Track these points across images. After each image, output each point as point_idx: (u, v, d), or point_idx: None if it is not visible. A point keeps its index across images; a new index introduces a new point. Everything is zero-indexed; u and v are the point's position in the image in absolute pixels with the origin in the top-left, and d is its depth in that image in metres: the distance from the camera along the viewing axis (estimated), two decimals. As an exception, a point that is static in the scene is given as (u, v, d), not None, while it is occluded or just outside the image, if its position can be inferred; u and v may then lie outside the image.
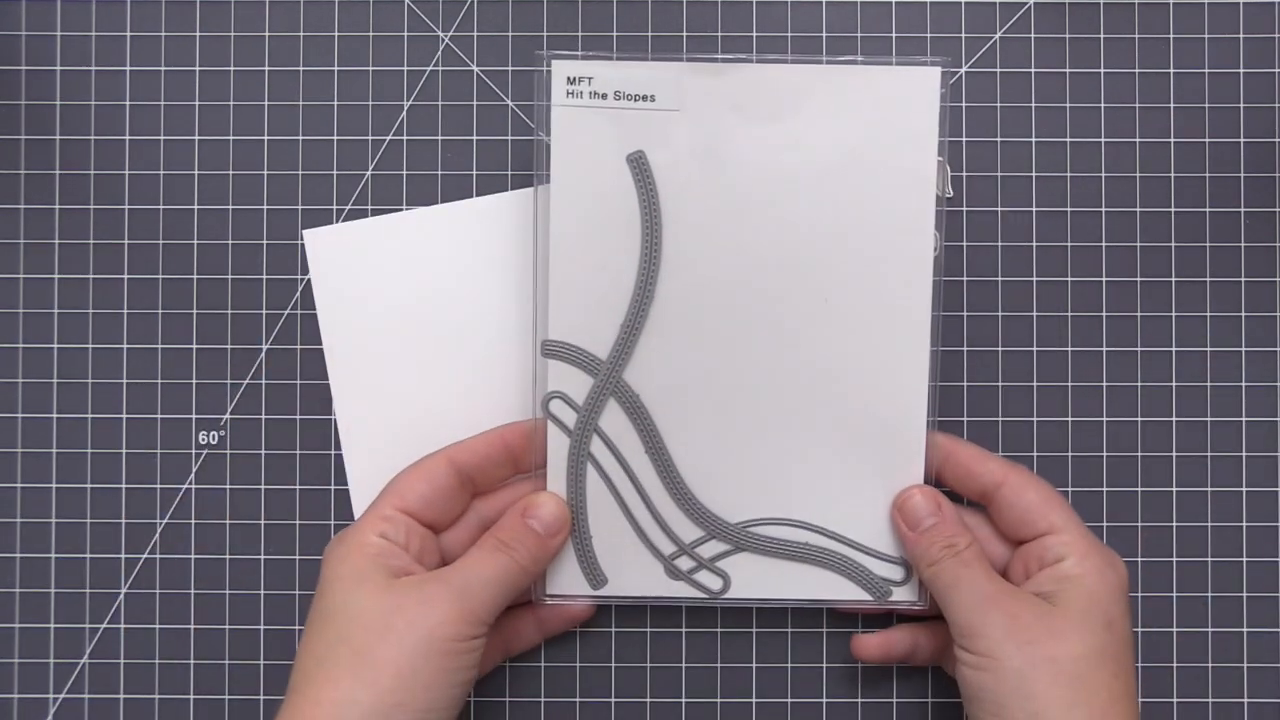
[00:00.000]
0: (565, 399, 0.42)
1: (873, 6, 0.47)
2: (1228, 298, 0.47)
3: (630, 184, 0.41)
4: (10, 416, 0.47)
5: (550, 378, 0.42)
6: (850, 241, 0.42)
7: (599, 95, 0.40)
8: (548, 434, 0.42)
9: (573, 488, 0.42)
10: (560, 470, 0.42)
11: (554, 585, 0.42)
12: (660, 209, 0.41)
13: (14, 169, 0.47)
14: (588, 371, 0.42)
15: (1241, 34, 0.47)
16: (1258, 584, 0.47)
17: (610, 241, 0.41)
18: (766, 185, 0.41)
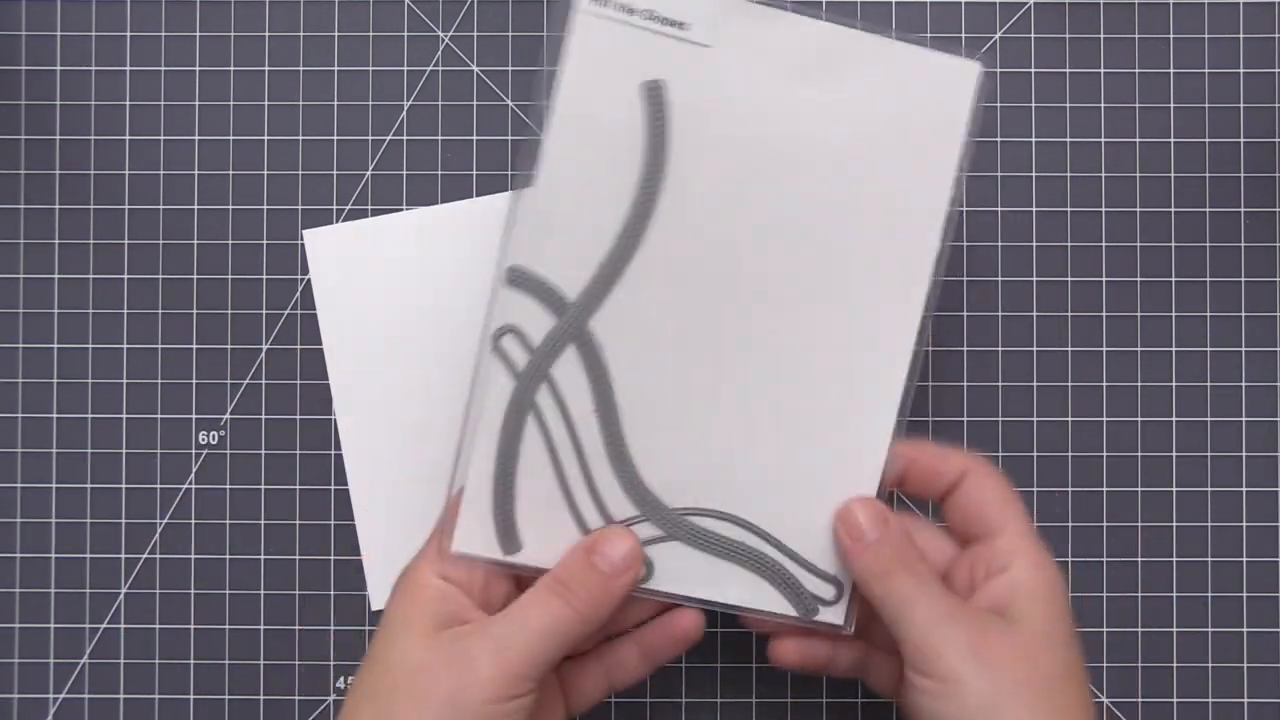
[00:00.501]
0: (521, 336, 0.38)
1: (872, 6, 0.47)
2: (1228, 298, 0.47)
3: (639, 115, 0.37)
4: (10, 416, 0.47)
5: (509, 310, 0.38)
6: (854, 229, 0.39)
7: (626, 9, 0.37)
8: (491, 373, 0.38)
9: (507, 437, 0.38)
10: (497, 415, 0.38)
11: (462, 542, 0.37)
12: (667, 149, 0.37)
13: (14, 169, 0.47)
14: (552, 310, 0.37)
15: (1241, 34, 0.47)
16: (1258, 584, 0.47)
17: (605, 173, 0.37)
18: (784, 149, 0.38)
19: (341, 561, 0.47)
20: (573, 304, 0.37)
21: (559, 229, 0.37)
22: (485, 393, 0.38)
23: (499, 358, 0.38)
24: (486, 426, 0.38)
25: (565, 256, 0.37)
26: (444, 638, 0.34)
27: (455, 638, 0.34)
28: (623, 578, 0.36)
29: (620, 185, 0.37)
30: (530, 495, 0.38)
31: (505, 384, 0.38)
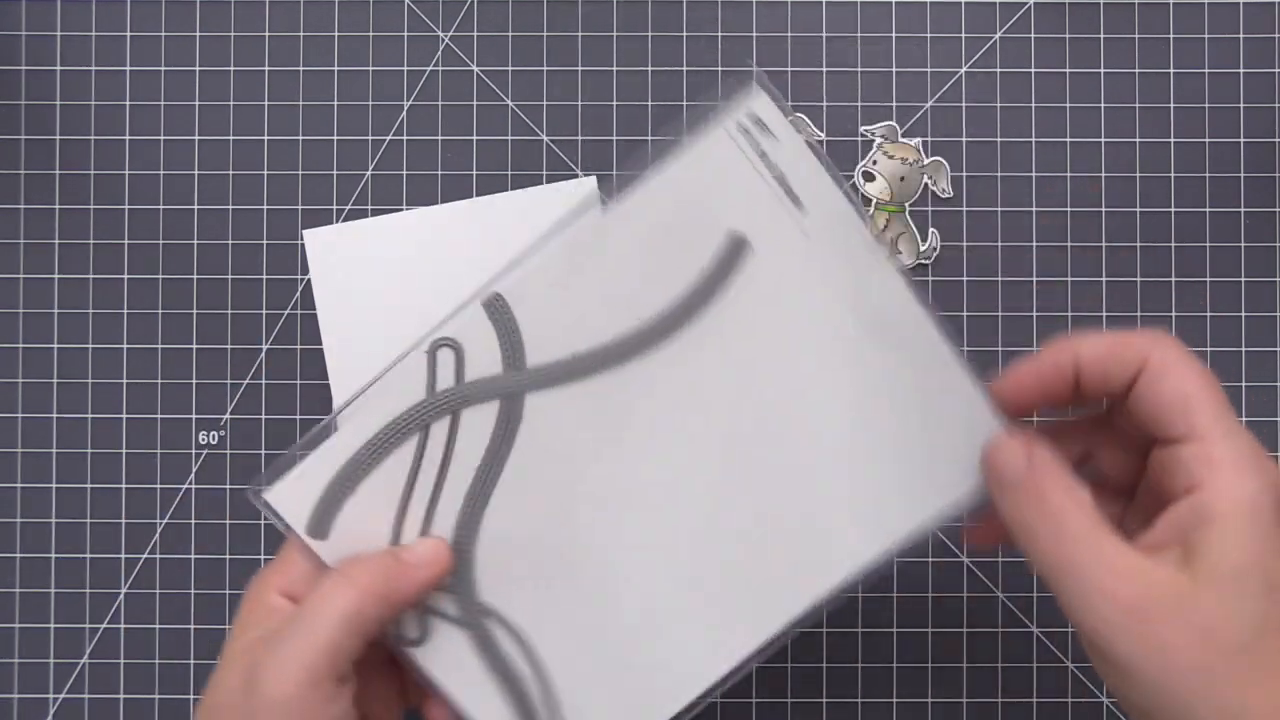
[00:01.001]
0: (460, 359, 0.35)
1: (872, 6, 0.47)
2: (1228, 298, 0.47)
3: (709, 253, 0.34)
4: (10, 416, 0.47)
5: (467, 329, 0.35)
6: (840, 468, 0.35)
7: (762, 154, 0.34)
8: (409, 373, 0.35)
9: (383, 438, 0.35)
10: (386, 415, 0.35)
11: (279, 497, 0.35)
12: (709, 303, 0.34)
13: (14, 169, 0.47)
14: (505, 358, 0.35)
15: (1241, 34, 0.47)
16: (1258, 584, 0.47)
17: (641, 278, 0.34)
18: (807, 367, 0.35)
19: (341, 561, 0.46)
20: (527, 371, 0.35)
21: (570, 295, 0.35)
22: (391, 386, 0.35)
23: (427, 364, 0.35)
24: (371, 416, 0.35)
25: (552, 321, 0.35)
26: (240, 657, 0.32)
27: (249, 652, 0.32)
28: (421, 570, 0.34)
29: (648, 301, 0.35)
30: (364, 504, 0.35)
31: (414, 391, 0.35)
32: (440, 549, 0.35)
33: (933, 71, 0.47)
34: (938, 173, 0.47)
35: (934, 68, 0.47)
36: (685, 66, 0.47)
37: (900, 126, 0.47)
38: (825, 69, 0.47)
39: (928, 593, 0.46)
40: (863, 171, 0.47)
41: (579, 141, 0.47)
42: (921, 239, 0.47)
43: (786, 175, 0.34)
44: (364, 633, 0.32)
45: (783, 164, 0.34)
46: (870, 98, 0.47)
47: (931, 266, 0.47)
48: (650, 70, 0.47)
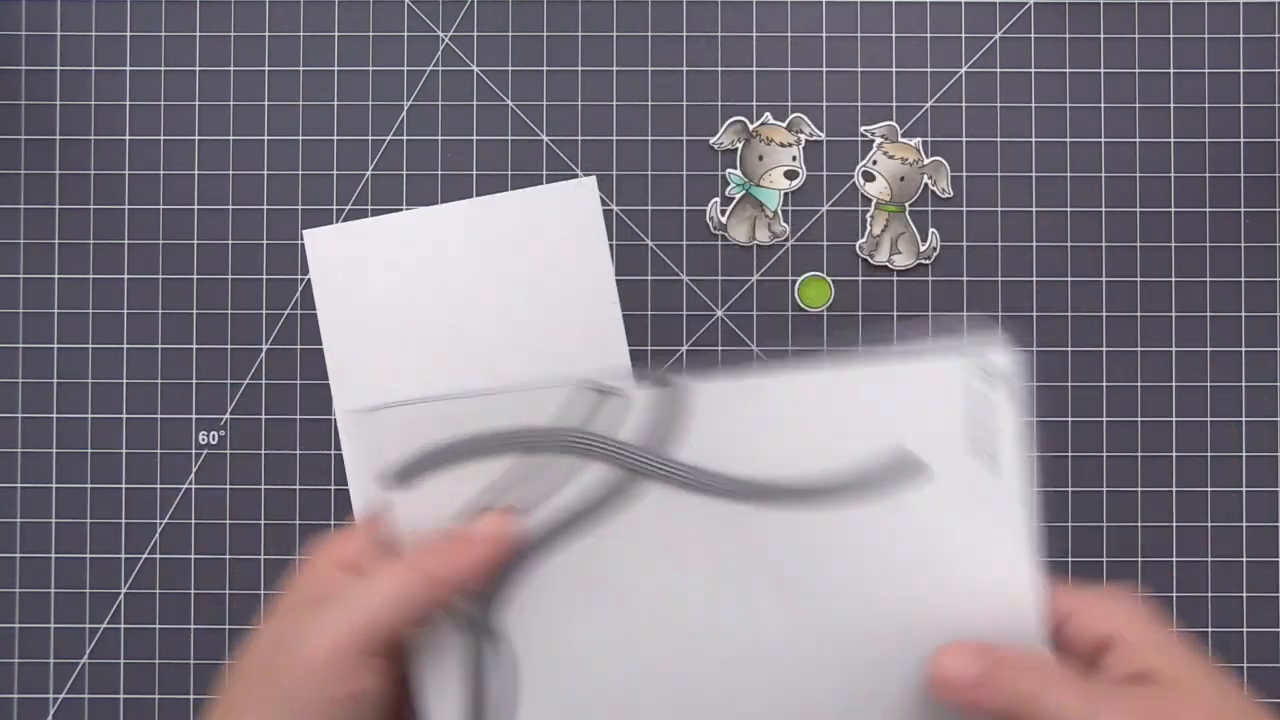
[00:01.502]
0: (625, 406, 0.34)
1: (873, 6, 0.47)
2: (1228, 298, 0.47)
3: (883, 459, 0.35)
4: (10, 416, 0.47)
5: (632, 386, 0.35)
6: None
7: (977, 402, 0.34)
8: (563, 402, 0.34)
9: (505, 444, 0.34)
10: (520, 419, 0.35)
11: (389, 430, 0.35)
12: (854, 500, 0.35)
13: (14, 169, 0.47)
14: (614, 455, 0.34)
15: (1241, 34, 0.47)
16: (1258, 584, 0.47)
17: (821, 445, 0.34)
18: None
19: (341, 561, 0.47)
20: (670, 460, 0.34)
21: (741, 423, 0.35)
22: (547, 400, 0.35)
23: (593, 403, 0.34)
24: (511, 413, 0.35)
25: (715, 434, 0.34)
26: (294, 611, 0.32)
27: (303, 613, 0.32)
28: (482, 545, 0.33)
29: (802, 464, 0.34)
30: (457, 483, 0.35)
31: (568, 419, 0.35)
32: (506, 525, 0.34)
33: (933, 71, 0.47)
34: (938, 173, 0.47)
35: (934, 68, 0.47)
36: (685, 66, 0.47)
37: (900, 126, 0.47)
38: (825, 69, 0.47)
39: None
40: (863, 171, 0.47)
41: (579, 141, 0.47)
42: (921, 239, 0.47)
43: (987, 429, 0.34)
44: (408, 614, 0.32)
45: (988, 421, 0.34)
46: (870, 98, 0.47)
47: (931, 266, 0.47)
48: (650, 70, 0.47)
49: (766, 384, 0.35)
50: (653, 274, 0.47)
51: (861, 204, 0.47)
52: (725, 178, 0.47)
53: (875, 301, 0.47)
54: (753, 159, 0.47)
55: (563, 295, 0.46)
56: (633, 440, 0.34)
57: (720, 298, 0.47)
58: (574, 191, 0.47)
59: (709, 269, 0.47)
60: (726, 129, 0.47)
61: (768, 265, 0.47)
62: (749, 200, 0.47)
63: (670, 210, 0.47)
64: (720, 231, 0.47)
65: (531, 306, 0.46)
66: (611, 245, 0.47)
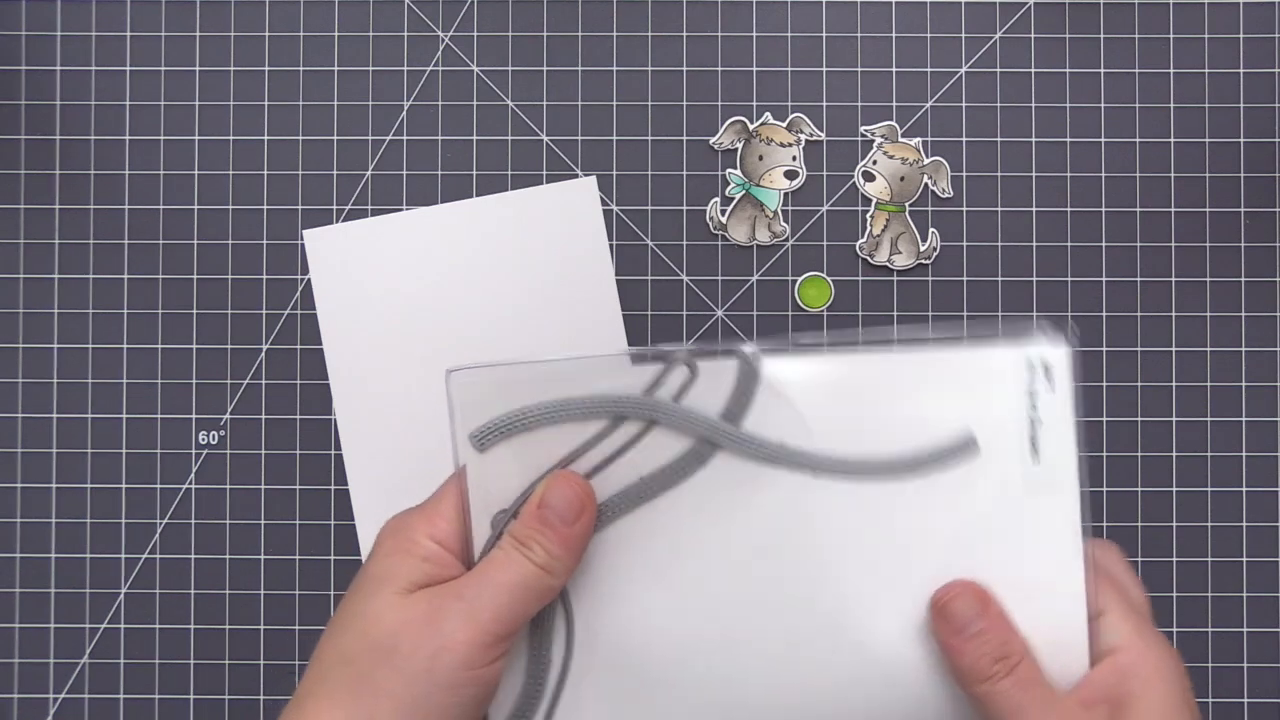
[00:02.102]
0: (691, 373, 0.35)
1: (873, 6, 0.47)
2: (1228, 298, 0.47)
3: (942, 441, 0.36)
4: (10, 416, 0.47)
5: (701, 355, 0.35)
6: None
7: (1031, 392, 0.36)
8: (629, 371, 0.35)
9: (573, 411, 0.35)
10: (589, 388, 0.35)
11: (477, 389, 0.35)
12: (915, 477, 0.36)
13: (14, 169, 0.47)
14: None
15: (1241, 34, 0.47)
16: (1258, 584, 0.47)
17: (885, 426, 0.36)
18: None
19: (341, 561, 0.47)
20: (739, 431, 0.35)
21: (811, 397, 0.36)
22: (613, 368, 0.35)
23: (659, 371, 0.35)
24: (581, 381, 0.35)
25: (782, 406, 0.35)
26: (419, 597, 0.34)
27: (429, 597, 0.34)
28: (575, 526, 0.35)
29: (868, 444, 0.36)
30: (530, 448, 0.35)
31: (633, 386, 0.35)
32: (591, 497, 0.35)
33: (933, 71, 0.47)
34: (938, 173, 0.47)
35: (934, 68, 0.47)
36: (685, 67, 0.47)
37: (900, 126, 0.47)
38: (825, 69, 0.47)
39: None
40: (863, 171, 0.47)
41: (579, 141, 0.47)
42: (921, 239, 0.47)
43: (1041, 424, 0.35)
44: (528, 607, 0.34)
45: (1044, 414, 0.35)
46: (870, 98, 0.47)
47: (931, 266, 0.47)
48: (650, 70, 0.47)
49: (834, 362, 0.35)
50: (653, 274, 0.47)
51: (861, 204, 0.47)
52: (725, 178, 0.47)
53: (875, 301, 0.47)
54: (753, 159, 0.47)
55: (563, 295, 0.46)
56: (707, 412, 0.35)
57: (720, 298, 0.47)
58: (574, 191, 0.47)
59: (709, 269, 0.47)
60: (726, 129, 0.47)
61: (768, 265, 0.47)
62: (749, 200, 0.47)
63: (670, 210, 0.47)
64: (720, 231, 0.47)
65: (531, 306, 0.46)
66: (611, 245, 0.47)
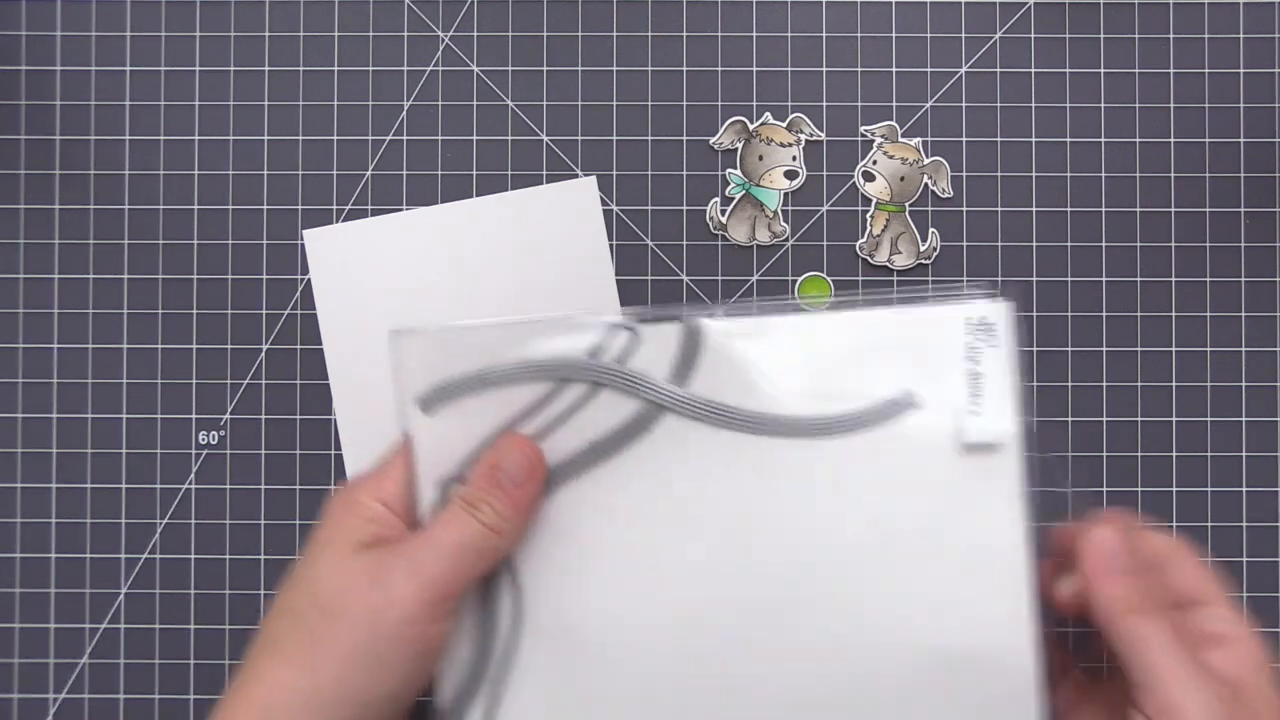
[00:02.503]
0: (634, 337, 0.36)
1: (873, 6, 0.47)
2: (1228, 298, 0.47)
3: (881, 399, 0.36)
4: (10, 416, 0.47)
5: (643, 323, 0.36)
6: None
7: (972, 349, 0.37)
8: (573, 334, 0.36)
9: (518, 374, 0.35)
10: (533, 351, 0.36)
11: (420, 352, 0.36)
12: (853, 433, 0.36)
13: (14, 169, 0.47)
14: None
15: (1241, 34, 0.47)
16: (1258, 584, 0.47)
17: (825, 385, 0.36)
18: None
19: (341, 561, 0.47)
20: (684, 393, 0.36)
21: (752, 359, 0.36)
22: (557, 329, 0.36)
23: (602, 335, 0.35)
24: (525, 344, 0.36)
25: (726, 371, 0.36)
26: (367, 556, 0.34)
27: (376, 558, 0.34)
28: (525, 487, 0.35)
29: (810, 403, 0.36)
30: (475, 411, 0.36)
31: (575, 349, 0.35)
32: (539, 459, 0.35)
33: (933, 71, 0.47)
34: (938, 173, 0.47)
35: (934, 68, 0.47)
36: (685, 67, 0.47)
37: (900, 126, 0.47)
38: (825, 69, 0.47)
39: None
40: (863, 171, 0.47)
41: (579, 141, 0.47)
42: (921, 239, 0.47)
43: (982, 378, 0.36)
44: (476, 568, 0.34)
45: (984, 368, 0.36)
46: (870, 98, 0.47)
47: (931, 266, 0.47)
48: (650, 70, 0.47)
49: (777, 324, 0.36)
50: (653, 274, 0.47)
51: (861, 204, 0.47)
52: (725, 178, 0.47)
53: (875, 301, 0.47)
54: (753, 159, 0.47)
55: (563, 295, 0.46)
56: (655, 375, 0.35)
57: (720, 298, 0.47)
58: (574, 191, 0.47)
59: (709, 269, 0.47)
60: (726, 129, 0.47)
61: (768, 265, 0.47)
62: (749, 200, 0.47)
63: (670, 210, 0.47)
64: (720, 231, 0.47)
65: (531, 306, 0.46)
66: (611, 245, 0.47)
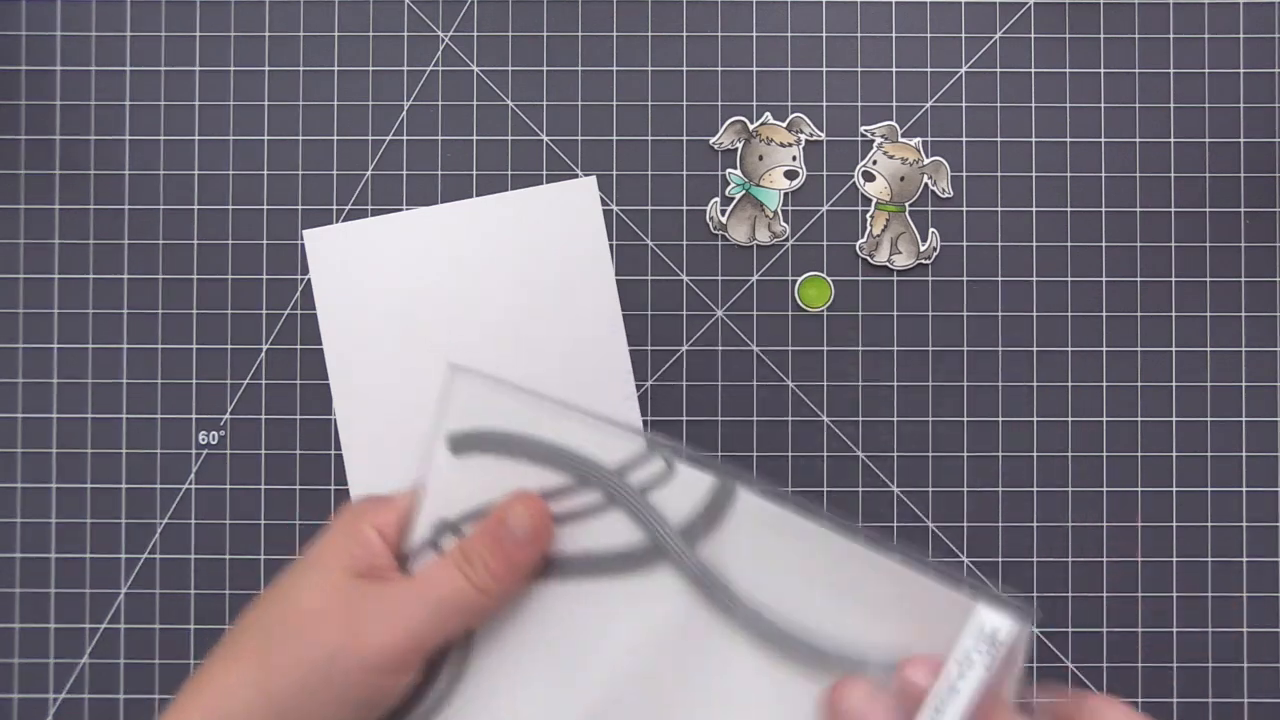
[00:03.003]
0: (668, 467, 0.34)
1: (873, 6, 0.47)
2: (1228, 298, 0.47)
3: (881, 644, 0.33)
4: (10, 416, 0.47)
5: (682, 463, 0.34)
6: None
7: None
8: (611, 442, 0.34)
9: (551, 457, 0.34)
10: (570, 439, 0.34)
11: (468, 389, 0.34)
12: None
13: (14, 169, 0.47)
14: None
15: (1241, 34, 0.47)
16: (1258, 584, 0.47)
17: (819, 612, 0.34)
18: None
19: (341, 561, 0.47)
20: (698, 557, 0.34)
21: (773, 553, 0.34)
22: (601, 431, 0.34)
23: (639, 452, 0.34)
24: (568, 431, 0.34)
25: (744, 551, 0.34)
26: (350, 587, 0.33)
27: (360, 591, 0.32)
28: (526, 550, 0.33)
29: (801, 621, 0.34)
30: (504, 473, 0.34)
31: (603, 457, 0.34)
32: (540, 519, 0.33)
33: (933, 71, 0.47)
34: (938, 173, 0.47)
35: (934, 68, 0.47)
36: (685, 67, 0.47)
37: (900, 126, 0.47)
38: (825, 69, 0.47)
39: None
40: (863, 171, 0.47)
41: (579, 141, 0.47)
42: (921, 239, 0.47)
43: (955, 694, 0.31)
44: (458, 626, 0.33)
45: (962, 685, 0.32)
46: (870, 98, 0.47)
47: (931, 266, 0.47)
48: (650, 70, 0.47)
49: (806, 527, 0.33)
50: (653, 274, 0.47)
51: (861, 204, 0.47)
52: (725, 178, 0.47)
53: (875, 301, 0.47)
54: (753, 159, 0.47)
55: (563, 295, 0.46)
56: (671, 517, 0.34)
57: (720, 298, 0.47)
58: (574, 191, 0.47)
59: (709, 269, 0.47)
60: (726, 129, 0.47)
61: (768, 265, 0.47)
62: (749, 200, 0.47)
63: (670, 210, 0.47)
64: (720, 231, 0.47)
65: (531, 306, 0.46)
66: (611, 245, 0.47)
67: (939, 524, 0.47)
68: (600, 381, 0.47)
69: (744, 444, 0.47)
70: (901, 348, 0.47)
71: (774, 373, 0.47)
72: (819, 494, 0.47)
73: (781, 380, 0.47)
